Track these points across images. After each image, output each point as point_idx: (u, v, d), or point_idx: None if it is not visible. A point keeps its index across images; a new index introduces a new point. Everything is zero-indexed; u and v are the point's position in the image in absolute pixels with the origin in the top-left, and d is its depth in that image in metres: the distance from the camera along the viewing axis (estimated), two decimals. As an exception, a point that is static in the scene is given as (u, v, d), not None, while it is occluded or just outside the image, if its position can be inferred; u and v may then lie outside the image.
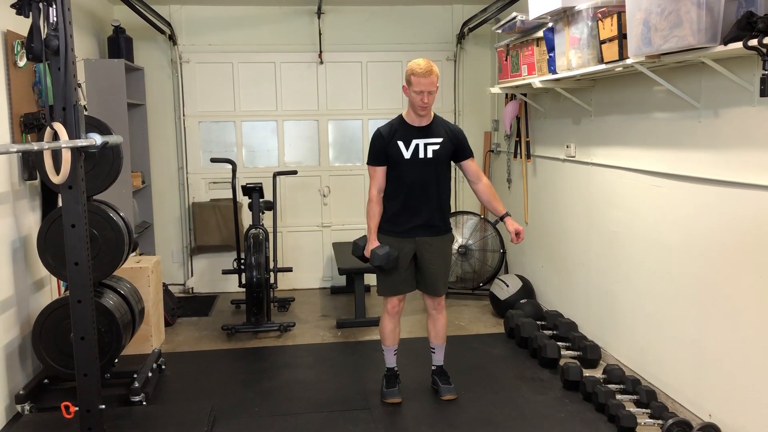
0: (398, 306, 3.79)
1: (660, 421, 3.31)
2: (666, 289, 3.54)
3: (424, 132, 3.64)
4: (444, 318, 3.87)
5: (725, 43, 2.58)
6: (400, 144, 3.61)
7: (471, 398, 3.81)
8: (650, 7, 2.86)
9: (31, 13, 2.75)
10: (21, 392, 3.56)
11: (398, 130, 3.64)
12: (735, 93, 2.94)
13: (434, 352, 3.93)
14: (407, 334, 4.80)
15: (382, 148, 3.63)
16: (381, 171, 3.66)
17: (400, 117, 3.69)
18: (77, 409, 2.96)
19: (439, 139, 3.65)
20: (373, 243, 3.70)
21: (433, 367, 3.96)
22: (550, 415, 3.57)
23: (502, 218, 3.78)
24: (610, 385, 3.69)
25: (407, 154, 3.62)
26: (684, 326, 3.40)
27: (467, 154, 3.75)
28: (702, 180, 3.20)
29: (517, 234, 3.72)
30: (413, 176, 3.63)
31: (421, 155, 3.63)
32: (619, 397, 3.58)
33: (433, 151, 3.64)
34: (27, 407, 3.55)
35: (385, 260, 3.60)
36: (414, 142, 3.62)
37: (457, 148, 3.71)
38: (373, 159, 3.67)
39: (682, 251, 3.39)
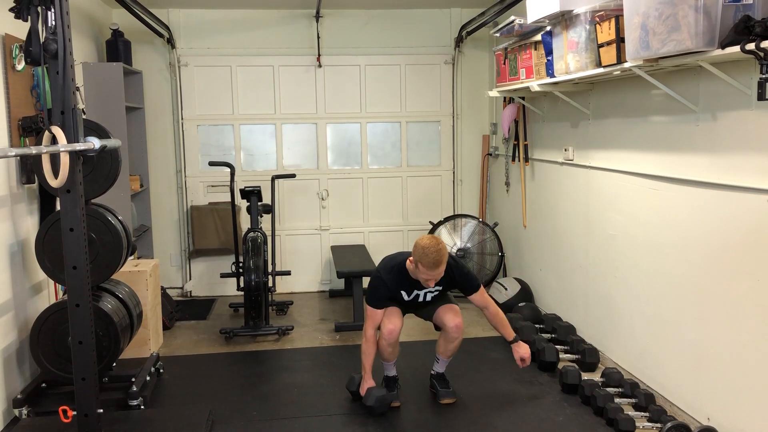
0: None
1: (658, 425, 3.31)
2: (664, 292, 3.55)
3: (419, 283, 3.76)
4: (460, 342, 3.86)
5: (723, 47, 2.58)
6: (403, 293, 3.75)
7: (469, 402, 3.81)
8: (648, 11, 2.86)
9: (29, 17, 2.75)
10: (19, 396, 3.56)
11: (402, 282, 3.71)
12: (733, 96, 2.94)
13: (437, 362, 3.94)
14: (406, 338, 4.80)
15: (385, 296, 3.72)
16: (380, 313, 3.72)
17: (404, 268, 3.68)
18: (75, 413, 2.95)
19: (439, 287, 3.77)
20: (368, 382, 3.73)
21: (432, 372, 3.96)
22: (549, 419, 3.57)
23: (510, 343, 3.88)
24: (608, 389, 3.68)
25: (407, 298, 3.78)
26: (682, 329, 3.40)
27: (472, 290, 3.79)
28: (700, 183, 3.20)
29: (522, 360, 3.82)
30: (411, 308, 3.87)
31: (421, 299, 3.82)
32: (617, 400, 3.58)
33: (433, 296, 3.82)
34: (25, 411, 3.55)
35: (379, 403, 3.64)
36: (415, 291, 3.76)
37: (458, 287, 3.79)
38: (375, 303, 3.71)
39: (679, 254, 3.39)
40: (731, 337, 3.03)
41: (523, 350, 3.81)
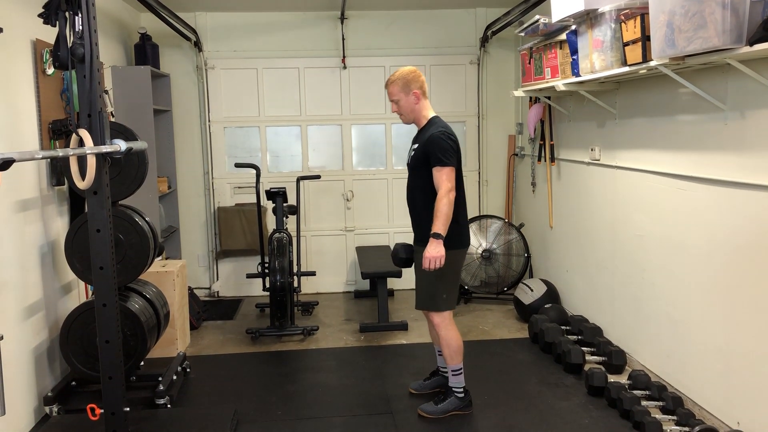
0: None
1: (686, 429, 3.26)
2: (692, 293, 3.49)
3: (416, 137, 3.69)
4: (441, 334, 3.60)
5: (751, 44, 2.53)
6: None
7: (494, 404, 3.79)
8: (674, 8, 2.82)
9: (57, 22, 2.80)
10: (49, 394, 3.63)
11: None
12: (762, 94, 2.88)
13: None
14: (430, 339, 4.79)
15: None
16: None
17: None
18: (102, 411, 3.00)
19: (416, 145, 3.61)
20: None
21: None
22: (574, 422, 3.54)
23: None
24: (635, 392, 3.64)
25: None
26: (711, 331, 3.34)
27: (432, 162, 3.44)
28: (728, 183, 3.14)
29: (428, 260, 3.38)
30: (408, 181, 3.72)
31: (408, 160, 3.69)
32: (644, 403, 3.53)
33: (411, 156, 3.66)
34: (55, 409, 3.61)
35: (394, 252, 3.71)
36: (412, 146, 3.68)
37: (426, 154, 3.48)
38: None
39: (708, 255, 3.33)
40: (762, 340, 2.97)
41: (431, 250, 3.33)
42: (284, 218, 5.35)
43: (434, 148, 3.44)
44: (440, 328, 3.59)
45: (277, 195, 5.31)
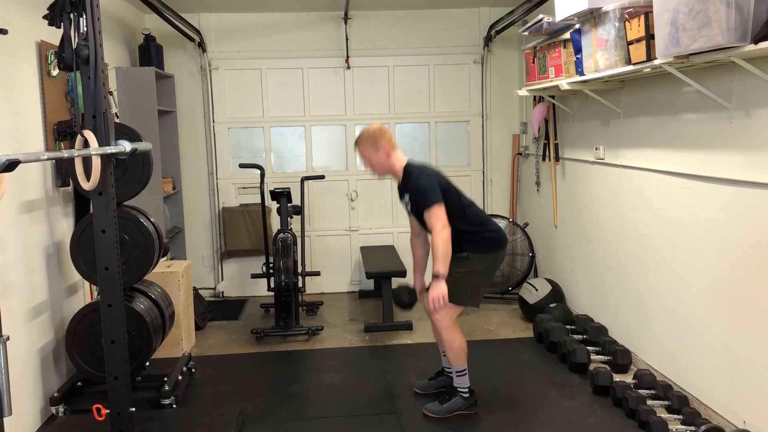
0: None
1: (692, 428, 3.25)
2: (697, 292, 3.48)
3: (401, 188, 3.71)
4: (443, 335, 3.60)
5: (756, 42, 2.53)
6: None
7: (499, 403, 3.78)
8: (678, 6, 2.81)
9: (62, 23, 2.81)
10: (55, 394, 3.64)
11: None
12: (767, 92, 2.87)
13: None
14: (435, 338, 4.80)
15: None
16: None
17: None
18: (108, 411, 3.01)
19: (407, 195, 3.65)
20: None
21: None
22: (579, 421, 3.53)
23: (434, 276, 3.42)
24: (640, 391, 3.63)
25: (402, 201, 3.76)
26: (716, 330, 3.33)
27: (422, 209, 3.50)
28: (734, 181, 3.14)
29: (433, 300, 3.38)
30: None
31: (409, 209, 3.71)
32: (650, 402, 3.52)
33: (408, 205, 3.69)
34: (61, 409, 3.63)
35: (396, 294, 3.79)
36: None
37: (418, 204, 3.56)
38: None
39: (713, 254, 3.32)
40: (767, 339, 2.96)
41: (434, 291, 3.37)
42: (289, 218, 5.36)
43: (418, 196, 3.52)
44: (442, 329, 3.59)
45: (281, 195, 5.32)
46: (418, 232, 3.83)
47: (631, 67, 3.43)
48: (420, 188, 3.51)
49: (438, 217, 3.43)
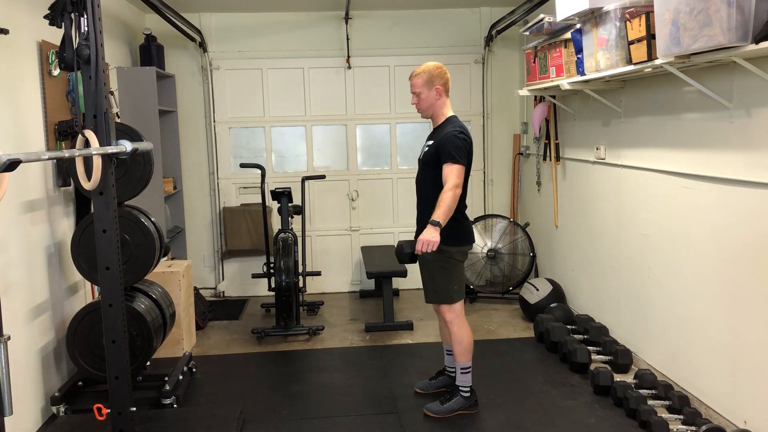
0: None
1: (693, 428, 3.25)
2: (698, 292, 3.48)
3: (431, 134, 3.70)
4: (453, 330, 3.61)
5: (757, 42, 2.52)
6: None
7: (499, 403, 3.78)
8: (679, 6, 2.81)
9: (63, 23, 2.82)
10: (56, 394, 3.64)
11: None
12: (768, 92, 2.88)
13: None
14: (436, 338, 4.80)
15: None
16: None
17: None
18: (109, 411, 3.01)
19: (431, 141, 3.63)
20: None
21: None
22: (580, 421, 3.53)
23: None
24: (641, 391, 3.63)
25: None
26: (717, 330, 3.33)
27: (443, 158, 3.46)
28: (734, 181, 3.14)
29: (421, 242, 3.34)
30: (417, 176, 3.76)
31: (420, 155, 3.71)
32: (650, 402, 3.52)
33: (424, 152, 3.67)
34: (62, 409, 3.63)
35: (398, 250, 3.57)
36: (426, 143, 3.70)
37: (438, 150, 3.51)
38: None
39: (714, 254, 3.32)
40: (768, 339, 2.96)
41: (426, 234, 3.30)
42: (289, 218, 5.36)
43: (448, 145, 3.46)
44: (452, 324, 3.60)
45: (282, 195, 5.32)
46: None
47: (632, 67, 3.43)
48: (453, 142, 3.45)
49: (459, 175, 3.44)
